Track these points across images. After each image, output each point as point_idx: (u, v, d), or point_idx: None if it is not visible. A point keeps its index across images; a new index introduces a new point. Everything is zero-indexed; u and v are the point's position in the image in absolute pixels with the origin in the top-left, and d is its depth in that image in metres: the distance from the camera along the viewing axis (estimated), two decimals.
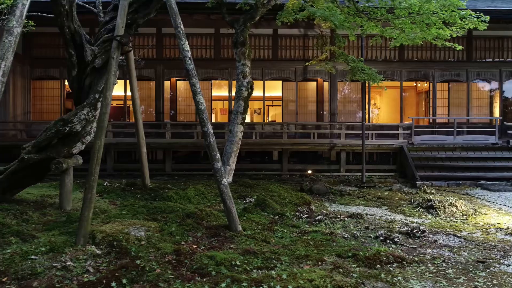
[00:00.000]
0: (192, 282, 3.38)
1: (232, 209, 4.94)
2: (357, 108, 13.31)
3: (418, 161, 10.96)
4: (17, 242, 4.16)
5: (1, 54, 3.34)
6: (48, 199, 5.74)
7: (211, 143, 4.98)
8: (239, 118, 7.84)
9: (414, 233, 5.20)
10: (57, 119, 5.11)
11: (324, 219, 5.93)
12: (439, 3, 6.35)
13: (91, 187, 4.41)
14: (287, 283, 3.32)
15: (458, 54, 12.99)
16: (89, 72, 5.21)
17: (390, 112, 17.02)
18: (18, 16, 3.53)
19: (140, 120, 6.56)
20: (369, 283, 3.56)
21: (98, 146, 4.54)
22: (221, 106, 18.75)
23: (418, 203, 7.35)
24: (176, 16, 5.11)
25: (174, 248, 4.25)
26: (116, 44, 4.92)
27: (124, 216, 5.27)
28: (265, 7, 7.50)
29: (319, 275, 3.50)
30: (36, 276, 3.46)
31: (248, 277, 3.42)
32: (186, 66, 5.08)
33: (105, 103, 4.67)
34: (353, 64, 8.47)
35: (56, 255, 3.89)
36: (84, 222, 4.28)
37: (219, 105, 18.61)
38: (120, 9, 5.07)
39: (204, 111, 5.04)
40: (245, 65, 7.78)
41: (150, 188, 6.85)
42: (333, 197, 8.34)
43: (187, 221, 5.15)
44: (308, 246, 4.56)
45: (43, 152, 5.03)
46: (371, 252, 4.35)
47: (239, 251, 4.23)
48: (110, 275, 3.40)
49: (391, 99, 17.08)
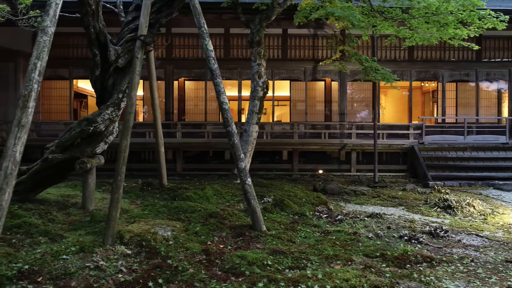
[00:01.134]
0: (228, 282, 3.37)
1: (257, 209, 4.94)
2: (365, 108, 13.31)
3: (429, 161, 10.95)
4: (46, 242, 4.16)
5: (37, 54, 3.34)
6: (70, 199, 5.74)
7: (235, 142, 4.98)
8: (255, 118, 7.84)
9: (438, 233, 5.20)
10: (81, 118, 5.11)
11: (345, 219, 5.92)
12: (458, 3, 6.35)
13: (118, 187, 4.40)
14: (324, 282, 3.31)
15: (467, 54, 12.99)
16: (112, 72, 5.20)
17: (395, 112, 17.04)
18: (52, 15, 3.53)
19: (159, 120, 6.56)
20: (403, 282, 3.56)
21: (124, 146, 4.54)
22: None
23: (434, 203, 7.34)
24: (199, 16, 5.11)
25: (202, 248, 4.25)
26: (140, 44, 4.92)
27: (146, 216, 5.26)
28: (281, 7, 7.50)
29: (354, 275, 3.50)
30: (71, 276, 3.45)
31: (284, 277, 3.41)
32: (210, 65, 5.08)
33: (130, 103, 4.66)
34: (367, 64, 8.47)
35: (86, 255, 3.88)
36: (112, 222, 4.27)
37: None
38: (143, 8, 5.06)
39: (228, 111, 5.03)
40: (260, 65, 7.78)
41: (168, 188, 6.84)
42: (348, 197, 8.34)
43: (210, 221, 5.14)
44: (334, 246, 4.56)
45: (67, 152, 5.02)
46: (399, 252, 4.35)
47: (268, 251, 4.23)
48: (146, 275, 3.40)
49: (395, 99, 17.10)
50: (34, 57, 3.30)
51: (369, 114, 13.22)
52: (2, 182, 2.91)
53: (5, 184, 2.92)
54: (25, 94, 3.19)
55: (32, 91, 3.21)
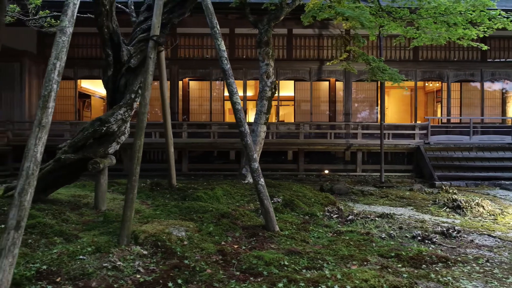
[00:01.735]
0: (248, 282, 3.37)
1: (270, 209, 4.94)
2: (369, 108, 13.32)
3: (435, 161, 10.96)
4: (61, 242, 4.15)
5: (56, 54, 3.33)
6: (81, 199, 5.74)
7: (248, 143, 4.98)
8: (263, 118, 7.84)
9: (450, 233, 5.19)
10: (94, 119, 5.11)
11: (356, 219, 5.92)
12: (468, 3, 6.34)
13: (133, 187, 4.40)
14: (343, 283, 3.31)
15: (472, 54, 13.01)
16: (124, 72, 5.20)
17: (397, 112, 17.06)
18: (70, 15, 3.53)
19: (169, 120, 6.56)
20: (421, 283, 3.56)
21: (138, 146, 4.53)
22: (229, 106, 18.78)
23: (443, 203, 7.34)
24: (212, 16, 5.11)
25: (217, 248, 4.25)
26: (152, 44, 4.91)
27: (158, 216, 5.26)
28: (290, 7, 7.50)
29: (372, 275, 3.50)
30: (89, 276, 3.45)
31: (302, 277, 3.41)
32: (222, 66, 5.08)
33: (144, 103, 4.66)
34: (374, 64, 8.47)
35: (103, 255, 3.88)
36: (127, 222, 4.27)
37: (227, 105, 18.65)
38: (156, 8, 5.05)
39: (240, 111, 5.03)
40: (268, 65, 7.78)
41: (177, 188, 6.85)
42: (355, 197, 8.34)
43: (223, 221, 5.14)
44: (349, 246, 4.56)
45: (80, 152, 5.02)
46: (414, 252, 4.35)
47: (283, 251, 4.22)
48: (165, 275, 3.40)
49: (397, 99, 17.12)
50: (53, 57, 3.29)
51: (373, 114, 13.23)
52: (24, 183, 2.90)
53: (27, 185, 2.92)
54: (45, 94, 3.18)
55: (51, 91, 3.20)
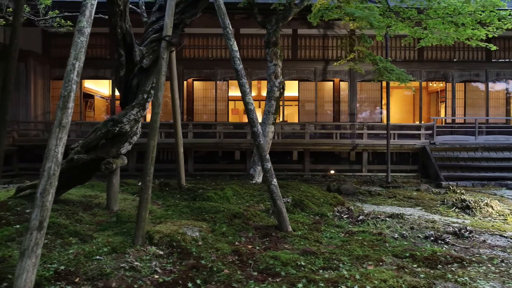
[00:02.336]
0: (267, 283, 3.37)
1: (283, 209, 4.94)
2: (374, 108, 13.32)
3: (441, 161, 10.96)
4: (77, 242, 4.15)
5: (75, 55, 3.33)
6: (93, 199, 5.74)
7: (261, 143, 4.98)
8: (271, 118, 7.84)
9: (462, 233, 5.19)
10: (107, 119, 5.11)
11: (366, 219, 5.92)
12: (478, 4, 6.34)
13: (147, 187, 4.41)
14: (362, 283, 3.31)
15: (477, 55, 13.01)
16: (136, 72, 5.20)
17: (400, 112, 17.06)
18: (88, 16, 3.52)
19: (179, 120, 6.56)
20: (439, 283, 3.56)
21: (152, 146, 4.54)
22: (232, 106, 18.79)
23: (452, 203, 7.34)
24: (224, 17, 5.11)
25: (232, 249, 4.25)
26: (165, 44, 4.91)
27: (170, 216, 5.26)
28: (298, 7, 7.51)
29: (390, 275, 3.50)
30: (107, 277, 3.45)
31: (321, 278, 3.41)
32: (235, 66, 5.08)
33: (157, 104, 4.66)
34: (381, 64, 8.46)
35: (119, 256, 3.88)
36: (142, 223, 4.27)
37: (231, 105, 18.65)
38: (168, 9, 5.05)
39: (253, 112, 5.03)
40: (277, 65, 7.78)
41: (187, 188, 6.85)
42: (363, 197, 8.34)
43: (235, 222, 5.14)
44: (363, 246, 4.55)
45: (92, 152, 5.02)
46: (428, 253, 4.35)
47: (298, 252, 4.23)
48: (184, 275, 3.40)
49: (399, 99, 17.12)
50: (72, 57, 3.29)
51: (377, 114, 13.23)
52: (45, 183, 2.90)
53: (49, 185, 2.92)
54: (65, 94, 3.18)
55: (71, 91, 3.20)
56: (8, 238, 4.04)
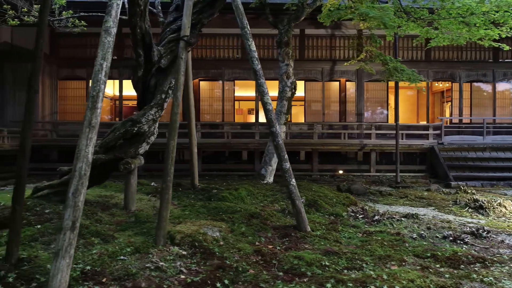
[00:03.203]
0: (295, 283, 3.37)
1: (302, 209, 4.94)
2: (380, 108, 13.32)
3: (449, 161, 10.96)
4: (99, 242, 4.15)
5: (102, 55, 3.33)
6: (109, 200, 5.74)
7: (280, 143, 4.98)
8: (283, 119, 7.85)
9: (480, 233, 5.19)
10: (125, 119, 5.11)
11: (381, 219, 5.92)
12: (492, 4, 6.34)
13: (168, 188, 4.40)
14: (390, 283, 3.31)
15: (484, 55, 13.00)
16: (154, 73, 5.21)
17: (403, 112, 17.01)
18: (114, 16, 3.53)
19: (193, 120, 6.56)
20: (465, 283, 3.56)
21: (172, 147, 4.54)
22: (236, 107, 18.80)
23: (465, 203, 7.34)
24: (242, 17, 5.11)
25: (254, 249, 4.25)
26: (183, 44, 4.92)
27: (188, 216, 5.26)
28: (311, 7, 7.51)
29: (416, 276, 3.50)
30: (134, 277, 3.45)
31: (349, 278, 3.41)
32: (253, 66, 5.08)
33: (177, 103, 4.66)
34: (392, 65, 8.46)
35: (143, 256, 3.88)
36: (163, 223, 4.27)
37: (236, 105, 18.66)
38: (185, 9, 5.06)
39: (271, 112, 5.03)
40: (288, 65, 7.79)
41: (201, 189, 6.84)
42: (374, 198, 8.34)
43: (253, 222, 5.15)
44: (383, 246, 4.55)
45: (110, 153, 5.02)
46: (449, 253, 4.35)
47: (320, 252, 4.23)
48: (212, 275, 3.40)
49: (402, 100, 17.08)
50: (100, 57, 3.29)
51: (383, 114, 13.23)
52: (77, 183, 2.91)
53: (80, 185, 2.92)
54: (94, 95, 3.18)
55: (100, 91, 3.20)
56: (31, 238, 4.05)
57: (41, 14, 3.52)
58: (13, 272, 3.28)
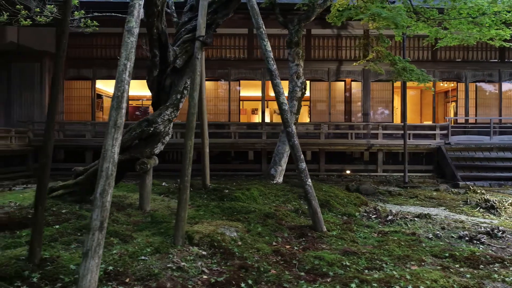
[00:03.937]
0: (319, 283, 3.37)
1: (318, 209, 4.95)
2: (385, 108, 13.32)
3: (456, 161, 10.96)
4: (118, 242, 4.15)
5: (126, 55, 3.33)
6: (124, 200, 5.74)
7: (295, 143, 4.98)
8: (293, 119, 7.83)
9: (495, 233, 5.19)
10: (141, 119, 5.12)
11: (395, 219, 5.92)
12: (505, 4, 6.35)
13: (185, 188, 4.41)
14: (414, 283, 3.31)
15: (490, 55, 13.00)
16: (169, 73, 5.21)
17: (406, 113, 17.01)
18: (136, 16, 3.53)
19: (206, 120, 6.56)
20: (487, 283, 3.56)
21: (189, 147, 4.54)
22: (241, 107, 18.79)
23: (476, 203, 7.34)
24: (258, 17, 5.11)
25: (272, 249, 4.26)
26: (199, 44, 4.92)
27: (203, 216, 5.27)
28: (321, 7, 7.51)
29: (439, 276, 3.50)
30: (156, 277, 3.45)
31: (372, 278, 3.41)
32: (268, 66, 5.08)
33: (193, 104, 4.67)
34: (401, 65, 8.46)
35: (163, 256, 3.89)
36: (181, 223, 4.27)
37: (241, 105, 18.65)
38: (200, 9, 5.05)
39: (287, 112, 5.04)
40: (299, 66, 7.79)
41: (212, 189, 6.85)
42: (384, 197, 8.34)
43: (268, 222, 5.15)
44: (400, 246, 4.55)
45: (126, 153, 5.03)
46: (467, 253, 4.35)
47: (339, 252, 4.23)
48: (236, 275, 3.40)
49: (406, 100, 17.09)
50: (124, 58, 3.29)
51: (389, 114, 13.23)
52: (104, 183, 2.91)
53: (107, 185, 2.92)
54: (118, 95, 3.18)
55: (124, 91, 3.20)
56: (50, 238, 4.05)
57: (63, 16, 3.53)
58: (36, 272, 3.28)
